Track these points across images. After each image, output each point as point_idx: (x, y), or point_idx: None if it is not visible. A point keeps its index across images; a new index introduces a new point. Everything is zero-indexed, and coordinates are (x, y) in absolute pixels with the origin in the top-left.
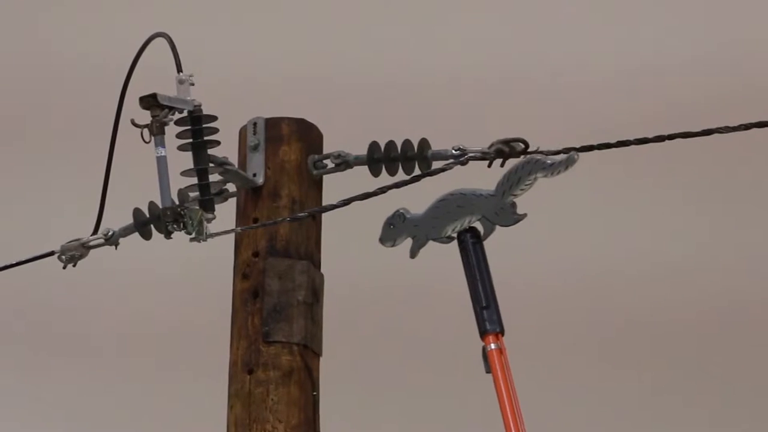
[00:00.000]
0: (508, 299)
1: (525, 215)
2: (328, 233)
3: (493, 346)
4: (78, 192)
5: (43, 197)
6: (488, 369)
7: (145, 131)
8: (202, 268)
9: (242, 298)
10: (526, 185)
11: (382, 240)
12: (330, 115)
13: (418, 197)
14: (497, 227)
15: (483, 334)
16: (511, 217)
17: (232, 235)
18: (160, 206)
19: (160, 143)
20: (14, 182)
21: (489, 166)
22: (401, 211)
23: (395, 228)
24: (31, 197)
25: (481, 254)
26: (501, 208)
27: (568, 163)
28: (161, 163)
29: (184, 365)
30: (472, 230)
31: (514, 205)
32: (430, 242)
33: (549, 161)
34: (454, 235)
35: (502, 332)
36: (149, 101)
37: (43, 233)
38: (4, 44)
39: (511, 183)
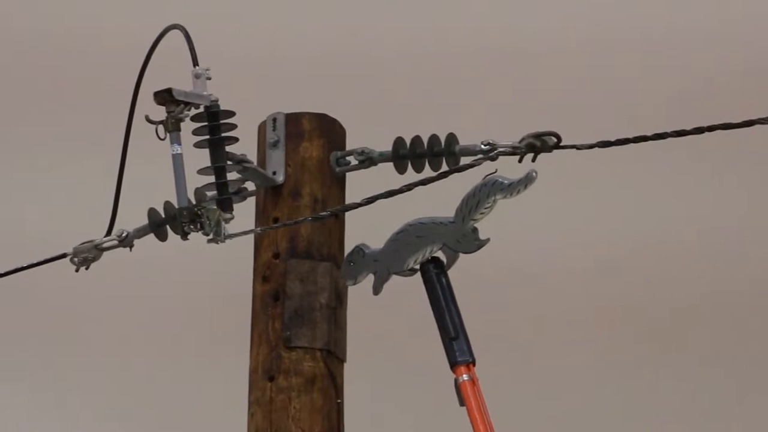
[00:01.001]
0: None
1: (488, 240)
2: (351, 233)
3: (465, 377)
4: (90, 190)
5: (54, 193)
6: (462, 402)
7: (160, 128)
8: (220, 270)
9: (262, 302)
10: (486, 208)
11: (343, 277)
12: (353, 109)
13: (446, 194)
14: (460, 255)
15: (453, 365)
16: (473, 243)
17: (252, 236)
18: (176, 206)
19: (176, 140)
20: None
21: (520, 161)
22: (360, 246)
23: (355, 265)
24: (41, 192)
25: (446, 284)
26: (462, 235)
27: (527, 182)
28: (177, 160)
29: (202, 372)
30: (435, 260)
31: (475, 230)
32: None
33: (506, 182)
34: (417, 266)
35: (473, 362)
36: (164, 96)
37: (53, 230)
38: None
39: (470, 207)
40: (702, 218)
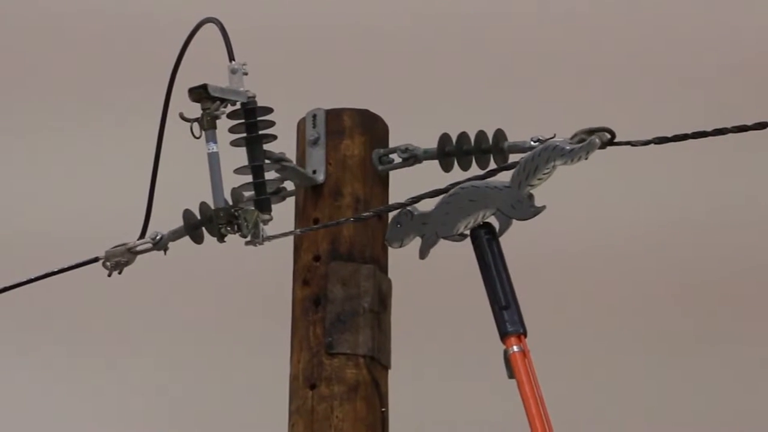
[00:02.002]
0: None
1: (543, 207)
2: None
3: (515, 348)
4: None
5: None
6: (511, 374)
7: (195, 125)
8: (259, 274)
9: (303, 307)
10: (544, 174)
11: (389, 240)
12: (396, 105)
13: None
14: (514, 221)
15: (504, 336)
16: (528, 209)
17: (291, 238)
18: (212, 207)
19: (212, 138)
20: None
21: None
22: (409, 208)
23: (402, 227)
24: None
25: (497, 251)
26: (517, 201)
27: (588, 149)
28: (213, 159)
29: (240, 380)
30: (487, 226)
31: (531, 196)
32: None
33: (568, 147)
34: (467, 231)
35: (525, 333)
36: (199, 93)
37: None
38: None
39: (528, 172)
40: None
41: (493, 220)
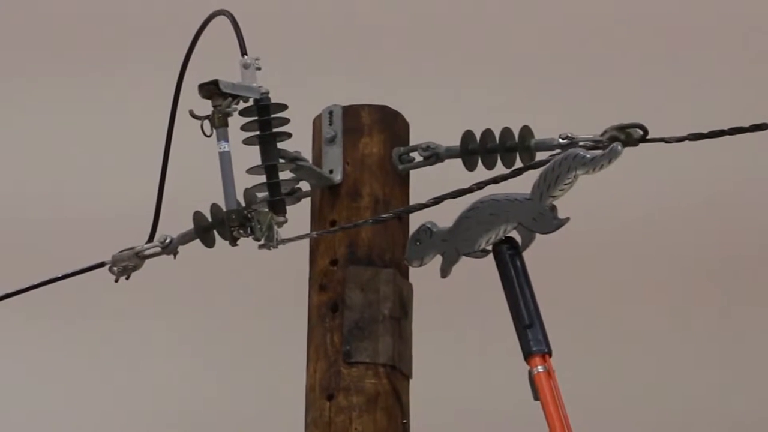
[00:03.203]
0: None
1: (567, 219)
2: None
3: (540, 368)
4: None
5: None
6: (536, 396)
7: (206, 123)
8: (273, 278)
9: (319, 313)
10: (566, 185)
11: (408, 259)
12: (417, 100)
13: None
14: (537, 235)
15: (528, 355)
16: (551, 222)
17: (307, 241)
18: (224, 209)
19: (223, 137)
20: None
21: None
22: (428, 225)
23: (422, 244)
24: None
25: (520, 267)
26: (540, 213)
27: (611, 156)
28: (224, 159)
29: (254, 391)
30: (509, 240)
31: (554, 208)
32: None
33: (589, 155)
34: (489, 247)
35: (550, 353)
36: (210, 89)
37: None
38: None
39: (549, 183)
40: None
41: (516, 234)
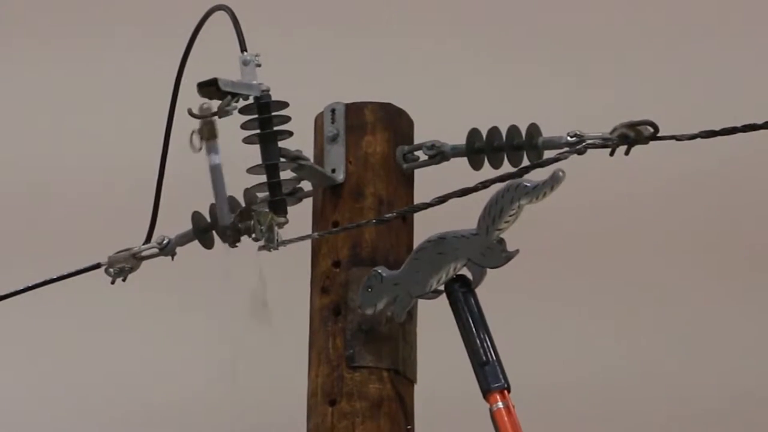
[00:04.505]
0: None
1: (516, 252)
2: (420, 238)
3: (500, 404)
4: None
5: None
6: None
7: (195, 137)
8: (273, 281)
9: (321, 316)
10: (511, 216)
11: (362, 307)
12: (422, 97)
13: None
14: (488, 270)
15: (486, 393)
16: (500, 256)
17: (308, 243)
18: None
19: (213, 149)
20: None
21: (611, 154)
22: (378, 270)
23: (374, 290)
24: None
25: (474, 303)
26: (487, 248)
27: (553, 183)
28: (216, 173)
29: (253, 396)
30: (461, 278)
31: (501, 241)
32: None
33: (530, 185)
34: (441, 287)
35: (508, 388)
36: (209, 89)
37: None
38: None
39: (493, 216)
40: None
41: (467, 271)
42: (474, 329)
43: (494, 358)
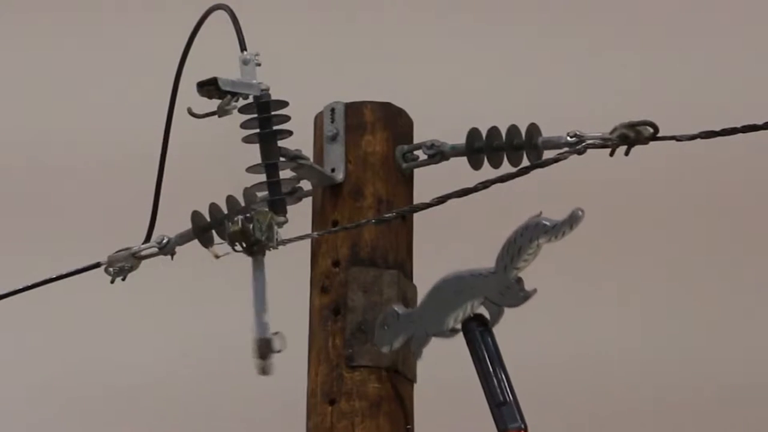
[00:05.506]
0: None
1: (534, 291)
2: (420, 237)
3: None
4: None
5: None
6: None
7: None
8: (273, 280)
9: (321, 316)
10: (529, 255)
11: (378, 344)
12: (421, 98)
13: (526, 193)
14: (505, 309)
15: None
16: (518, 295)
17: (308, 242)
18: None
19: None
20: None
21: (611, 154)
22: (394, 308)
23: (390, 329)
24: None
25: (491, 344)
26: (506, 287)
27: (572, 222)
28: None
29: (253, 396)
30: (478, 317)
31: (519, 281)
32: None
33: (549, 223)
34: (458, 326)
35: (525, 428)
36: (209, 89)
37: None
38: None
39: (512, 255)
40: None
41: (484, 310)
42: (491, 369)
43: (512, 398)
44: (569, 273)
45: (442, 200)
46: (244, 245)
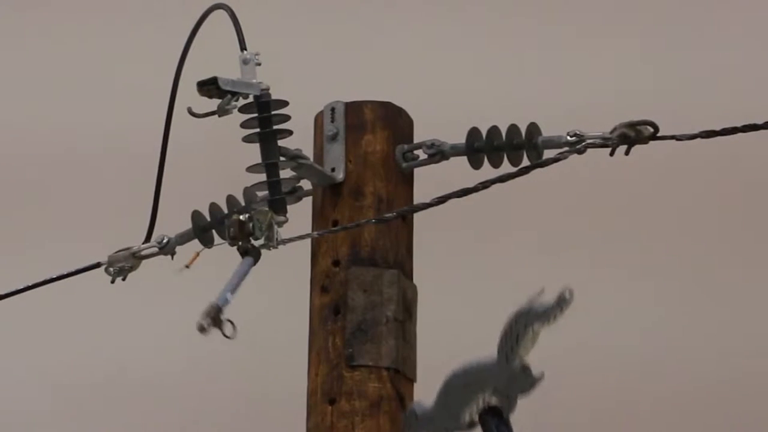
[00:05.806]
0: None
1: (542, 375)
2: (420, 237)
3: None
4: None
5: None
6: None
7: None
8: (273, 280)
9: (321, 316)
10: (528, 341)
11: None
12: (421, 97)
13: (527, 193)
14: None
15: None
16: (526, 382)
17: (308, 242)
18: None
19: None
20: None
21: (611, 154)
22: (413, 408)
23: (412, 429)
24: None
25: None
26: (512, 376)
27: (562, 304)
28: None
29: (254, 395)
30: (492, 409)
31: (525, 368)
32: None
33: (540, 308)
34: (476, 418)
35: None
36: (209, 88)
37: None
38: None
39: (511, 345)
40: None
41: (496, 400)
42: None
43: None
44: (569, 273)
45: (442, 200)
46: (241, 244)
